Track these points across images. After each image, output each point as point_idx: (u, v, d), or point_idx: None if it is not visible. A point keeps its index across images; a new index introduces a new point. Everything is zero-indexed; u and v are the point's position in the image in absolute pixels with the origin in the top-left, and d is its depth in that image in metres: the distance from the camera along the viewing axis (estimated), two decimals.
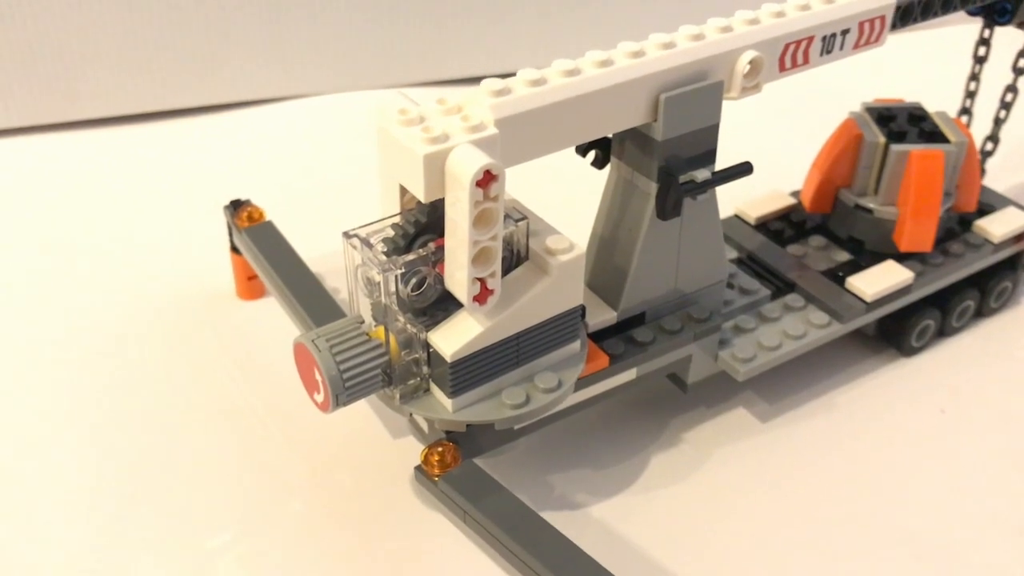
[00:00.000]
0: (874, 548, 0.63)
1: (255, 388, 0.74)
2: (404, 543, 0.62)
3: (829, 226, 0.80)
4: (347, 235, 0.55)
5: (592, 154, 0.64)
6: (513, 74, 0.55)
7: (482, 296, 0.54)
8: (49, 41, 1.02)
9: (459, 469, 0.57)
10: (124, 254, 0.89)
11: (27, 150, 1.05)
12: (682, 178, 0.61)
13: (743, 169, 0.63)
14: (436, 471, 0.57)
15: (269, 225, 0.75)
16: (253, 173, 1.03)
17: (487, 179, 0.50)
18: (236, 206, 0.77)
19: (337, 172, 1.03)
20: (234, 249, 0.79)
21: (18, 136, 1.07)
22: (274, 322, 0.78)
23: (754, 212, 0.81)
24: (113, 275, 0.86)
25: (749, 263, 0.77)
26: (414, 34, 1.14)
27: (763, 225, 0.81)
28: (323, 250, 0.78)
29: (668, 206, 0.60)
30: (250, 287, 0.81)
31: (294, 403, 0.72)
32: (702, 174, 0.61)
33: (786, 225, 0.81)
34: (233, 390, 0.74)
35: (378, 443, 0.70)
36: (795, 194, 0.83)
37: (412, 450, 0.68)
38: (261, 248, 0.72)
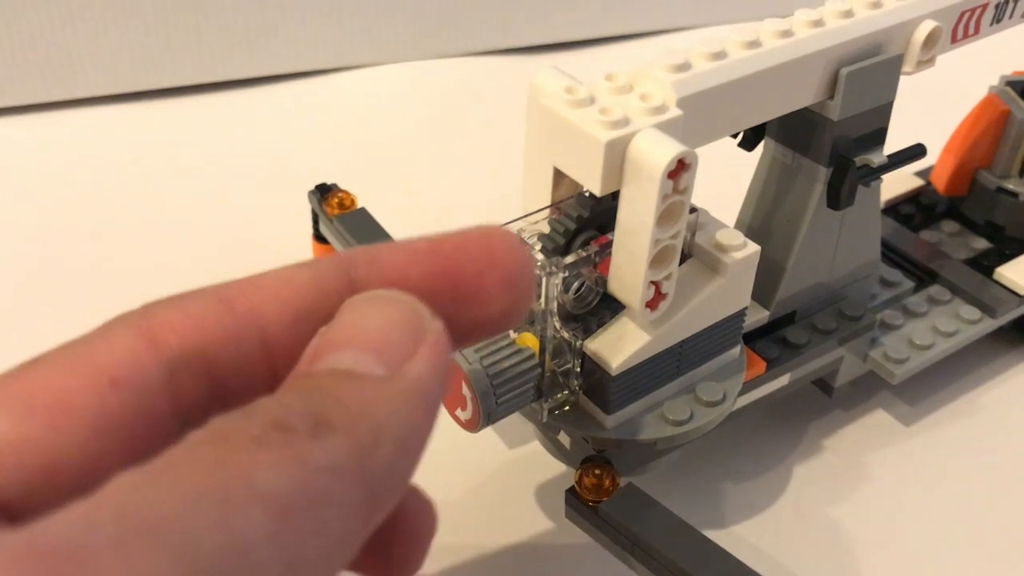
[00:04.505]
0: None
1: None
2: (536, 564, 0.56)
3: (962, 210, 0.74)
4: None
5: (741, 134, 0.58)
6: (579, 43, 0.47)
7: (654, 301, 0.48)
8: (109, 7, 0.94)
9: (622, 494, 0.50)
10: (186, 240, 0.82)
11: (70, 125, 0.97)
12: (857, 162, 0.54)
13: (917, 152, 0.57)
14: (594, 496, 0.51)
15: (363, 212, 0.68)
16: (311, 149, 0.95)
17: (679, 169, 0.43)
18: (323, 191, 0.69)
19: (400, 145, 0.95)
20: (317, 237, 0.72)
21: (60, 111, 0.98)
22: None
23: (882, 195, 0.74)
24: (178, 264, 0.79)
25: (883, 250, 0.71)
26: (470, 3, 1.06)
27: (891, 208, 0.74)
28: (405, 233, 0.71)
29: (844, 194, 0.54)
30: None
31: None
32: (877, 157, 0.55)
33: (916, 209, 0.75)
34: None
35: (496, 451, 0.63)
36: (920, 174, 0.77)
37: (533, 458, 0.62)
38: (358, 239, 0.65)
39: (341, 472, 0.26)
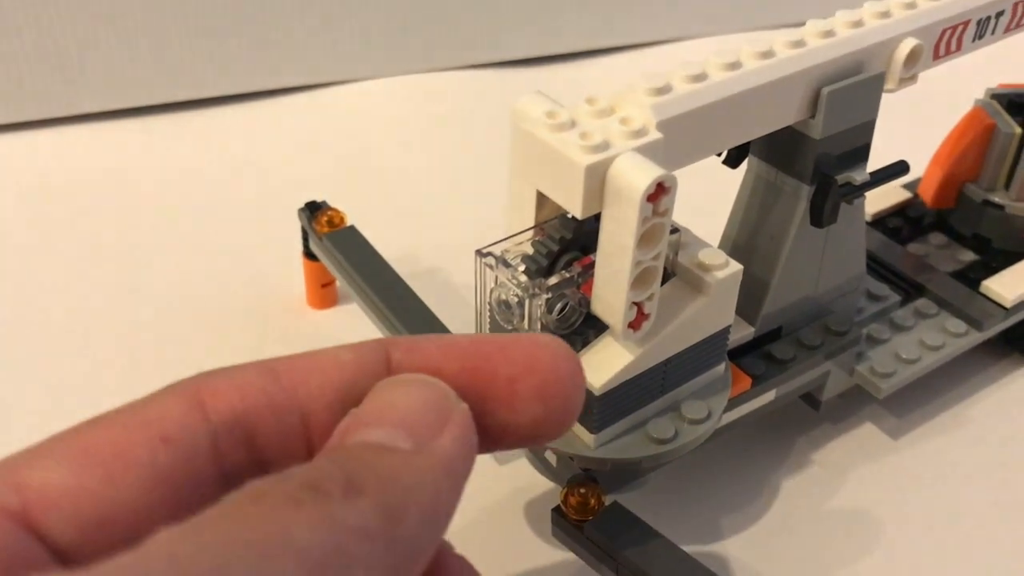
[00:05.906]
0: None
1: None
2: None
3: (950, 222, 0.74)
4: (480, 253, 0.49)
5: (724, 152, 0.58)
6: (567, 56, 0.47)
7: (637, 321, 0.48)
8: (104, 28, 0.94)
9: (607, 513, 0.51)
10: (178, 257, 0.82)
11: (57, 143, 0.98)
12: (839, 179, 0.54)
13: (899, 169, 0.57)
14: (579, 515, 0.51)
15: (352, 230, 0.68)
16: (301, 163, 0.95)
17: (658, 192, 0.43)
18: (313, 209, 0.70)
19: (390, 160, 0.96)
20: (307, 254, 0.72)
21: (47, 128, 0.99)
22: (354, 334, 0.72)
23: (870, 208, 0.74)
24: (171, 282, 0.79)
25: (871, 264, 0.71)
26: (458, 16, 1.06)
27: (879, 221, 0.75)
28: (396, 250, 0.72)
29: (827, 211, 0.54)
30: (323, 295, 0.74)
31: None
32: (859, 175, 0.55)
33: (903, 222, 0.75)
34: None
35: (485, 467, 0.63)
36: (908, 187, 0.77)
37: (522, 475, 0.63)
38: (348, 257, 0.66)
39: (371, 534, 0.27)
